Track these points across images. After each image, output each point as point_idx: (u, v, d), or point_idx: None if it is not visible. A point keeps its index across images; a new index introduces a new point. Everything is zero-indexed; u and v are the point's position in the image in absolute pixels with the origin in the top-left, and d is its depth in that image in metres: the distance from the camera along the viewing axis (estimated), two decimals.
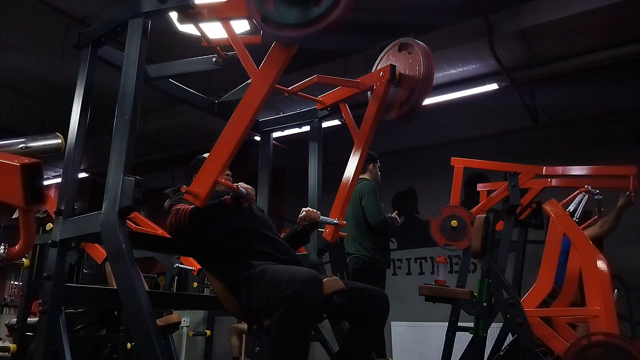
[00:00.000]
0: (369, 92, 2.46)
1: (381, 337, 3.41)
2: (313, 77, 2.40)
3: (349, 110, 2.51)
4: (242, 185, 1.81)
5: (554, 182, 3.83)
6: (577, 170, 3.73)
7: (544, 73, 5.27)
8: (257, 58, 1.84)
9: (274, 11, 1.61)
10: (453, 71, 5.28)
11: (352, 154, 2.36)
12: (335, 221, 2.26)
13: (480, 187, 4.20)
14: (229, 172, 2.25)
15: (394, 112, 2.36)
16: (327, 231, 2.31)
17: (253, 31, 2.26)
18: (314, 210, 2.22)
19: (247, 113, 1.74)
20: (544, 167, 3.80)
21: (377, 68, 2.50)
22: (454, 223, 3.82)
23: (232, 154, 1.74)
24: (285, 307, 1.59)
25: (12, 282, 9.58)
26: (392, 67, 2.27)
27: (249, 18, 1.87)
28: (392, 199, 6.88)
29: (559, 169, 3.78)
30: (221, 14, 1.86)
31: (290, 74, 1.86)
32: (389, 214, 3.70)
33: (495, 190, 4.00)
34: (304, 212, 2.20)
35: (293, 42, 1.67)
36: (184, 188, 1.70)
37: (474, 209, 3.93)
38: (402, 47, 2.42)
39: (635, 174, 3.70)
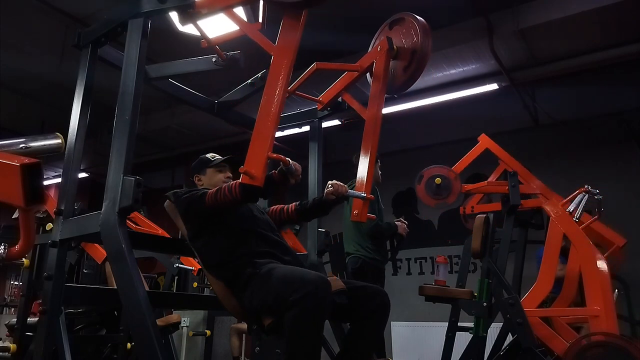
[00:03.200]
0: (368, 77, 2.45)
1: (381, 337, 3.41)
2: (312, 66, 2.39)
3: (353, 98, 2.49)
4: (292, 162, 1.81)
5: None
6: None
7: (544, 73, 5.27)
8: (254, 60, 1.84)
9: None
10: (453, 71, 5.28)
11: (364, 133, 2.28)
12: (363, 194, 2.12)
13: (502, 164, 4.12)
14: (230, 174, 2.25)
15: (394, 83, 2.34)
16: (355, 212, 2.16)
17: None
18: (342, 184, 2.14)
19: (278, 85, 1.71)
20: (552, 193, 3.76)
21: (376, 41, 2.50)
22: (437, 181, 3.84)
23: (274, 128, 1.71)
24: (298, 309, 1.59)
25: (12, 282, 9.57)
26: (389, 39, 2.27)
27: (251, 1, 1.87)
28: (392, 199, 6.88)
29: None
30: (223, 3, 1.85)
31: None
32: (396, 221, 3.71)
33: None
34: (331, 187, 2.12)
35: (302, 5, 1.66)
36: (242, 168, 1.66)
37: (470, 185, 3.94)
38: (392, 24, 2.43)
39: (621, 245, 3.75)
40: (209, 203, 1.91)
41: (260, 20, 2.01)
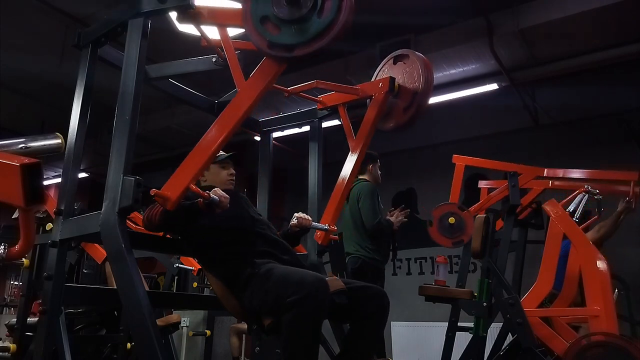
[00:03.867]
0: (368, 100, 2.47)
1: (381, 337, 3.41)
2: (312, 82, 2.42)
3: (347, 115, 2.53)
4: (217, 193, 1.81)
5: (554, 184, 3.82)
6: (577, 173, 3.72)
7: (544, 73, 5.27)
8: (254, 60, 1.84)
9: (279, 35, 1.61)
10: (453, 71, 5.28)
11: (347, 158, 2.37)
12: (325, 227, 2.30)
13: (481, 184, 4.19)
14: (233, 171, 2.26)
15: (393, 121, 2.37)
16: (318, 234, 2.35)
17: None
18: (306, 217, 2.25)
19: (228, 123, 1.74)
20: (545, 169, 3.80)
21: (376, 78, 2.52)
22: (451, 220, 3.82)
23: (207, 161, 1.74)
24: (296, 311, 1.59)
25: (12, 282, 9.57)
26: (392, 79, 2.29)
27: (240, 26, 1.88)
28: (392, 199, 6.88)
29: (560, 172, 3.77)
30: (218, 20, 1.87)
31: (290, 74, 1.86)
32: (388, 212, 3.70)
33: (496, 188, 4.00)
34: (296, 219, 2.22)
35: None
36: (153, 191, 1.68)
37: (474, 207, 3.93)
38: (396, 60, 2.46)
39: (636, 179, 3.70)
40: (144, 226, 1.92)
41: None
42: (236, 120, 1.74)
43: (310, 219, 2.26)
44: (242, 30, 1.78)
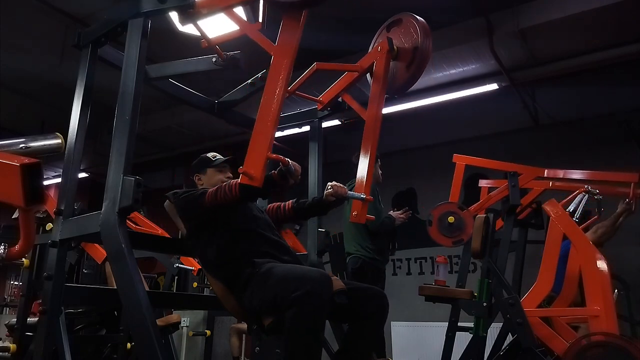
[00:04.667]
0: (368, 77, 2.45)
1: (381, 337, 3.41)
2: (312, 67, 2.39)
3: (352, 98, 2.48)
4: (292, 162, 1.81)
5: (554, 184, 3.82)
6: (577, 174, 3.72)
7: (544, 73, 5.26)
8: (254, 60, 1.84)
9: None
10: (453, 71, 5.28)
11: (364, 134, 2.27)
12: (362, 196, 2.13)
13: (482, 183, 4.18)
14: (230, 174, 2.25)
15: (397, 83, 2.33)
16: (354, 214, 2.17)
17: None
18: (342, 186, 2.14)
19: (278, 85, 1.71)
20: (546, 170, 3.80)
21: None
22: (450, 220, 3.81)
23: (274, 128, 1.71)
24: (298, 308, 1.59)
25: (12, 282, 9.57)
26: (389, 39, 2.26)
27: (251, 2, 1.87)
28: (392, 199, 6.88)
29: (560, 172, 3.77)
30: (223, 3, 1.85)
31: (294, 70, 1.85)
32: (391, 212, 3.70)
33: (496, 188, 3.99)
34: (331, 188, 2.11)
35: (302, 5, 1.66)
36: (241, 169, 1.66)
37: (473, 207, 3.92)
38: (390, 27, 2.42)
39: (636, 181, 3.70)
40: (208, 202, 1.91)
41: (260, 20, 2.01)
42: (284, 81, 1.71)
43: (345, 187, 2.16)
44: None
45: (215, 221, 1.98)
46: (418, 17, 2.32)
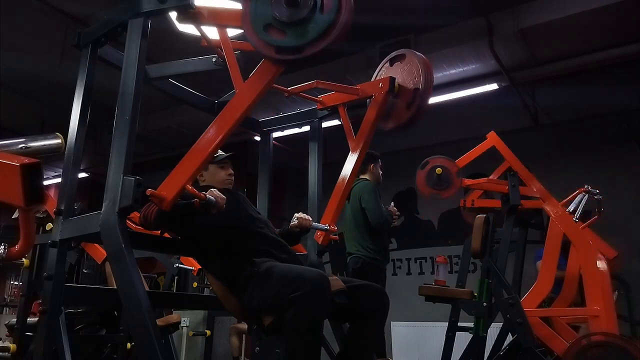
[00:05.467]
0: (367, 100, 2.47)
1: (381, 337, 3.41)
2: (312, 82, 2.42)
3: (347, 115, 2.52)
4: (213, 193, 1.81)
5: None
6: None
7: (544, 73, 5.27)
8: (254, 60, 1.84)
9: (286, 39, 1.61)
10: (453, 71, 5.28)
11: (347, 159, 2.36)
12: (326, 227, 2.29)
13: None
14: (232, 171, 2.25)
15: (395, 121, 2.36)
16: (318, 234, 2.34)
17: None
18: (307, 218, 2.24)
19: (226, 124, 1.74)
20: (551, 199, 3.75)
21: (376, 78, 2.52)
22: (438, 171, 3.82)
23: (204, 162, 1.74)
24: (297, 308, 1.59)
25: (12, 282, 9.57)
26: (392, 79, 2.28)
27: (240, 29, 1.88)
28: (392, 199, 6.87)
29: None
30: (218, 21, 1.87)
31: (290, 73, 1.86)
32: (386, 208, 3.70)
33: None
34: (296, 220, 2.22)
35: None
36: (149, 191, 1.67)
37: (470, 180, 3.92)
38: (393, 61, 2.46)
39: (611, 258, 3.59)
40: (140, 225, 1.91)
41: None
42: (234, 121, 1.74)
43: (310, 219, 2.26)
44: (241, 30, 1.78)
45: (209, 223, 1.97)
46: (420, 54, 2.34)
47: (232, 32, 2.04)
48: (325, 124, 2.84)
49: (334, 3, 1.57)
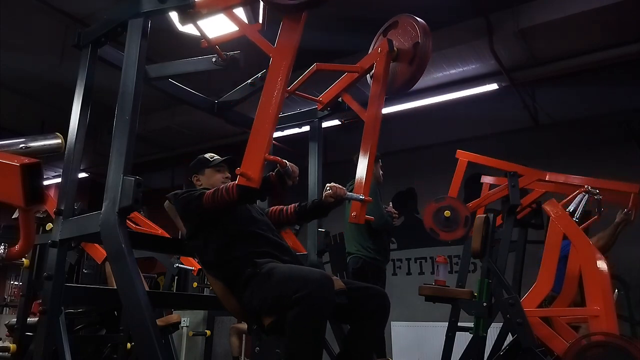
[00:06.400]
0: (368, 77, 2.45)
1: (381, 337, 3.41)
2: (312, 67, 2.39)
3: (352, 99, 2.47)
4: (289, 163, 1.82)
5: (555, 187, 3.81)
6: (578, 179, 3.70)
7: (544, 73, 5.27)
8: (254, 60, 1.84)
9: None
10: (453, 71, 5.28)
11: (363, 134, 2.26)
12: (361, 197, 2.13)
13: (484, 179, 4.15)
14: (228, 175, 2.25)
15: (400, 80, 2.32)
16: (353, 215, 2.17)
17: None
18: (340, 187, 2.13)
19: (276, 87, 1.72)
20: (548, 174, 3.79)
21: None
22: (447, 214, 3.82)
23: (272, 130, 1.72)
24: (300, 309, 1.58)
25: (12, 282, 9.57)
26: (390, 41, 2.26)
27: (250, 3, 1.87)
28: (392, 199, 6.88)
29: (562, 177, 3.74)
30: (222, 4, 1.85)
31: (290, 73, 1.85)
32: (386, 208, 3.71)
33: (498, 186, 3.99)
34: (330, 189, 2.11)
35: (302, 7, 1.66)
36: (238, 170, 1.67)
37: (472, 203, 3.93)
38: (386, 31, 2.42)
39: (637, 192, 3.70)
40: (206, 203, 1.91)
41: (260, 21, 2.01)
42: (281, 85, 1.71)
43: (344, 188, 2.15)
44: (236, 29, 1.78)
45: (215, 222, 1.98)
46: (415, 17, 2.32)
47: (231, 31, 2.04)
48: (325, 124, 2.84)
49: None
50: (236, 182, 1.76)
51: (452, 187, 3.99)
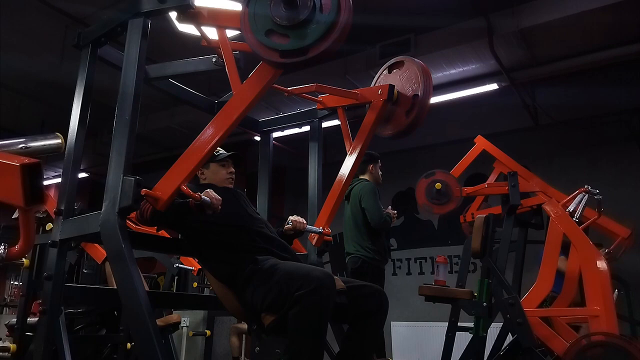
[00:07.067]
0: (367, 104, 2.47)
1: (381, 337, 3.41)
2: (311, 85, 2.42)
3: (345, 118, 2.51)
4: (209, 194, 1.81)
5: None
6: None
7: (544, 73, 5.27)
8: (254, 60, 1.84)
9: (289, 42, 1.60)
10: (453, 71, 5.28)
11: (344, 161, 2.36)
12: (320, 230, 2.31)
13: (496, 164, 4.08)
14: (232, 170, 2.26)
15: (395, 127, 2.36)
16: (312, 236, 2.35)
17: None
18: (301, 221, 2.24)
19: (223, 125, 1.74)
20: (550, 189, 3.77)
21: (376, 84, 2.52)
22: (438, 186, 3.84)
23: (200, 163, 1.75)
24: (302, 306, 1.58)
25: (12, 282, 9.58)
26: (391, 87, 2.27)
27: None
28: (392, 199, 6.88)
29: (563, 197, 3.68)
30: (218, 22, 1.87)
31: (290, 73, 1.86)
32: (385, 210, 3.71)
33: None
34: (291, 222, 2.22)
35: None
36: (144, 191, 1.67)
37: (469, 188, 3.94)
38: (391, 69, 2.45)
39: (627, 236, 3.77)
40: (136, 221, 1.92)
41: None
42: (230, 122, 1.74)
43: (305, 222, 2.26)
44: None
45: (209, 221, 1.98)
46: (419, 61, 2.33)
47: (231, 32, 2.04)
48: (325, 124, 2.84)
49: (332, 3, 1.56)
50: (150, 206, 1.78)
51: (458, 166, 3.99)
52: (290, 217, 2.24)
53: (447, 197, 3.89)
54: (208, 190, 1.84)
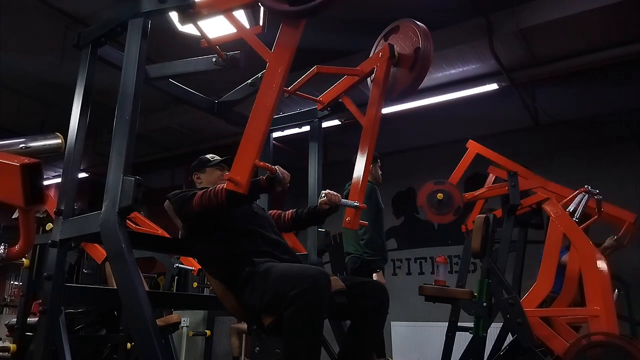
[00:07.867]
0: (369, 80, 2.44)
1: (381, 337, 3.41)
2: (313, 69, 2.38)
3: (351, 101, 2.47)
4: (280, 169, 1.81)
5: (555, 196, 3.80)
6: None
7: (544, 73, 5.27)
8: (254, 60, 1.84)
9: None
10: (453, 71, 5.28)
11: (361, 137, 2.26)
12: (356, 204, 2.09)
13: (491, 170, 4.11)
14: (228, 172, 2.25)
15: (401, 86, 2.31)
16: (347, 220, 2.12)
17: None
18: (335, 194, 2.14)
19: (271, 93, 1.72)
20: (550, 183, 3.78)
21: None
22: (440, 196, 3.83)
23: (263, 136, 1.71)
24: (296, 306, 1.58)
25: (12, 282, 9.57)
26: (390, 45, 2.25)
27: (251, 6, 1.87)
28: (392, 199, 6.88)
29: (566, 192, 3.69)
30: (222, 6, 1.85)
31: (290, 73, 1.85)
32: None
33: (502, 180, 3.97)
34: (325, 196, 2.11)
35: (302, 14, 1.65)
36: (226, 175, 1.68)
37: (469, 194, 3.94)
38: (387, 36, 2.41)
39: (633, 221, 3.75)
40: (195, 206, 1.91)
41: (261, 23, 2.01)
42: (277, 91, 1.71)
43: (339, 195, 2.15)
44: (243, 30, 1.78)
45: (213, 220, 1.98)
46: (416, 22, 2.31)
47: (231, 32, 2.04)
48: (325, 124, 2.84)
49: None
50: (224, 185, 1.76)
51: (455, 173, 3.98)
52: (324, 191, 2.13)
53: (447, 209, 3.87)
54: (278, 166, 1.82)
